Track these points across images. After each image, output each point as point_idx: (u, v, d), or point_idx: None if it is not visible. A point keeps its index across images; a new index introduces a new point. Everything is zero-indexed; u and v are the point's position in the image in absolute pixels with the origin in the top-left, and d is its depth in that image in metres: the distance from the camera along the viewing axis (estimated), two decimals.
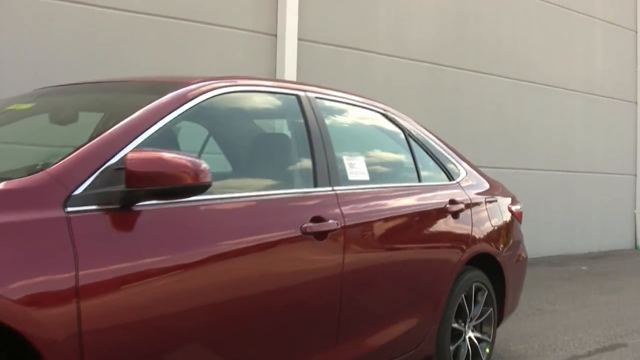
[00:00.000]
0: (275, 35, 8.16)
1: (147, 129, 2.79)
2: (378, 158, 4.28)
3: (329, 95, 3.93)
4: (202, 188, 2.63)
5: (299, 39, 8.27)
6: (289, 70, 8.15)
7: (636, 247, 13.46)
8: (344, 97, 4.08)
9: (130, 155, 2.51)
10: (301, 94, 3.69)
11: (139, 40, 6.91)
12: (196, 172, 2.56)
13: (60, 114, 3.49)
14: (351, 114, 4.15)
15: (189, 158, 2.60)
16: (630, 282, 9.39)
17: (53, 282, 2.29)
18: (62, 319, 2.28)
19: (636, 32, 13.55)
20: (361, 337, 3.64)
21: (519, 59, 11.21)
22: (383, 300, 3.79)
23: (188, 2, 7.33)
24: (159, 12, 7.06)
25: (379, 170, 4.17)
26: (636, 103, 13.57)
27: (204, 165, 2.60)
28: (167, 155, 2.56)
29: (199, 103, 3.09)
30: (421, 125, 4.65)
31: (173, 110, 2.94)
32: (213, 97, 3.19)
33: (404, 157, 4.41)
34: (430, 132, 4.71)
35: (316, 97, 3.76)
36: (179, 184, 2.55)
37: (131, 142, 2.70)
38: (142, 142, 2.74)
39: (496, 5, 10.89)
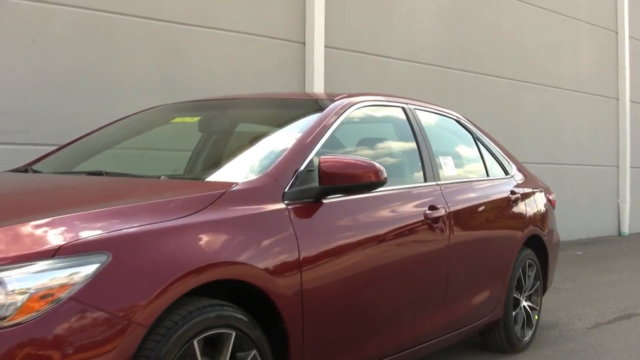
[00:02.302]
0: (304, 43, 8.74)
1: (321, 138, 3.59)
2: (458, 157, 5.14)
3: (421, 106, 4.77)
4: (381, 184, 3.46)
5: (325, 47, 8.88)
6: (317, 76, 8.74)
7: (620, 233, 14.36)
8: (430, 107, 4.93)
9: (323, 159, 3.31)
10: (405, 106, 4.53)
11: (178, 47, 7.29)
12: (377, 171, 3.38)
13: (226, 127, 4.28)
14: (436, 121, 4.97)
15: (368, 160, 3.41)
16: (623, 265, 10.35)
17: (285, 256, 3.10)
18: (291, 281, 3.10)
19: (616, 32, 14.42)
20: (458, 303, 4.50)
21: (515, 61, 11.99)
22: (472, 272, 4.65)
23: (225, 13, 7.79)
24: (199, 22, 7.49)
25: (460, 166, 5.02)
26: (617, 99, 14.44)
27: (380, 166, 3.41)
28: (351, 159, 3.38)
29: (347, 115, 3.90)
30: (482, 129, 5.51)
31: (335, 122, 3.75)
32: (355, 110, 4.01)
33: (475, 155, 5.27)
34: (488, 135, 5.56)
35: (415, 108, 4.59)
36: (364, 182, 3.36)
37: (314, 148, 3.50)
38: (321, 147, 3.55)
39: (495, 12, 11.67)
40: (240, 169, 3.56)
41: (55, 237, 2.47)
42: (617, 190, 14.50)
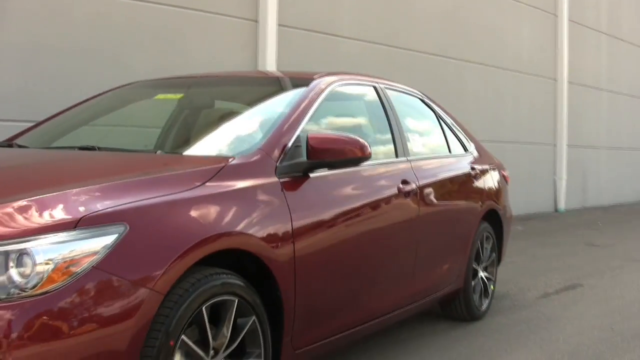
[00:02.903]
0: (257, 21, 8.75)
1: (307, 114, 3.75)
2: (423, 133, 5.35)
3: (390, 85, 4.96)
4: (366, 159, 3.65)
5: (278, 25, 8.91)
6: (270, 54, 8.77)
7: (556, 210, 14.84)
8: (397, 86, 5.12)
9: (311, 136, 3.48)
10: (375, 85, 4.72)
11: (118, 25, 7.22)
12: (362, 147, 3.56)
13: (211, 103, 4.41)
14: (403, 100, 5.15)
15: (354, 136, 3.58)
16: (563, 239, 10.76)
17: (278, 226, 3.27)
18: (285, 249, 3.29)
19: (556, 15, 14.83)
20: (426, 272, 4.73)
21: (459, 41, 12.26)
22: (438, 243, 4.89)
23: None
24: None
25: (425, 143, 5.24)
26: (555, 80, 14.87)
27: (365, 141, 3.59)
28: (338, 135, 3.55)
29: (327, 93, 4.06)
30: (443, 107, 5.73)
31: (317, 99, 3.92)
32: (334, 87, 4.17)
33: (438, 132, 5.50)
34: (449, 113, 5.79)
35: (385, 87, 4.78)
36: (350, 157, 3.53)
37: (300, 124, 3.66)
38: (306, 123, 3.71)
39: None
40: (232, 144, 3.71)
41: (75, 209, 2.58)
42: (554, 167, 14.95)
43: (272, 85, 4.44)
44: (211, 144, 3.84)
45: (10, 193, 2.72)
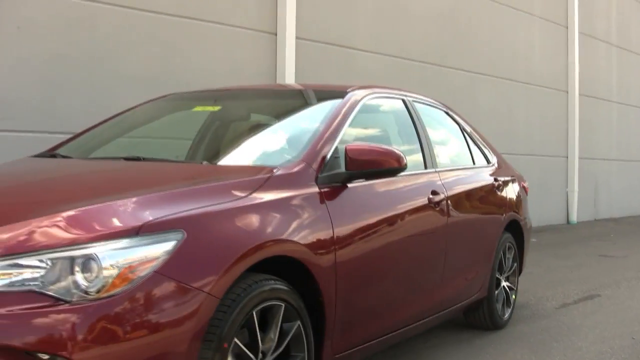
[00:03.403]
0: (276, 34, 8.91)
1: (343, 126, 3.87)
2: (449, 145, 5.48)
3: (417, 98, 5.08)
4: (402, 170, 3.77)
5: (296, 38, 9.05)
6: (289, 66, 8.92)
7: (568, 222, 14.92)
8: (424, 99, 5.24)
9: (349, 147, 3.60)
10: (404, 97, 4.84)
11: (141, 37, 7.34)
12: (398, 158, 3.68)
13: (249, 116, 4.54)
14: (430, 112, 5.27)
15: (390, 148, 3.71)
16: (577, 251, 10.84)
17: (321, 233, 3.40)
18: (328, 256, 3.41)
19: (567, 27, 14.95)
20: (454, 279, 4.85)
21: (472, 54, 12.38)
22: (464, 252, 5.01)
23: (199, 2, 7.92)
24: (165, 10, 7.56)
25: (450, 154, 5.36)
26: (567, 92, 14.96)
27: (401, 152, 3.71)
28: (375, 146, 3.67)
29: (361, 105, 4.19)
30: (466, 120, 5.85)
31: (352, 111, 4.04)
32: (367, 100, 4.30)
33: (462, 144, 5.63)
34: (471, 125, 5.91)
35: (413, 100, 4.90)
36: (387, 167, 3.65)
37: (338, 136, 3.78)
38: (343, 135, 3.83)
39: (455, 7, 12.02)
40: (273, 156, 3.86)
41: (136, 216, 2.71)
42: (566, 180, 15.02)
43: (307, 98, 4.58)
44: (253, 155, 3.96)
45: (70, 201, 2.85)
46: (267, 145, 4.06)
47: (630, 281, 8.07)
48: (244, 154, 4.02)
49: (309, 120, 4.14)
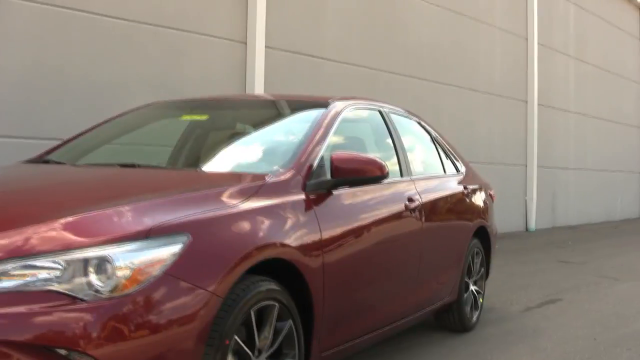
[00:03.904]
0: (246, 43, 9.07)
1: (327, 136, 4.06)
2: (421, 154, 5.69)
3: (392, 109, 5.31)
4: (384, 177, 3.98)
5: (266, 47, 9.22)
6: (258, 75, 9.07)
7: (527, 229, 15.26)
8: (398, 110, 5.45)
9: (335, 156, 3.79)
10: (380, 108, 5.05)
11: (115, 45, 7.47)
12: (381, 167, 3.88)
13: (236, 125, 4.72)
14: (403, 123, 5.48)
15: (373, 157, 3.91)
16: (537, 257, 11.15)
17: (310, 237, 3.59)
18: (316, 257, 3.60)
19: (526, 39, 15.33)
20: (429, 282, 5.08)
21: (435, 64, 12.67)
22: (437, 256, 5.23)
23: (170, 10, 8.07)
24: (138, 18, 7.70)
25: (423, 163, 5.58)
26: (526, 102, 15.33)
27: (382, 161, 3.91)
28: (359, 155, 3.87)
29: (343, 116, 4.38)
30: (436, 130, 6.08)
31: (335, 121, 4.24)
32: (347, 111, 4.50)
33: (433, 153, 5.85)
34: (441, 135, 6.14)
35: (388, 111, 5.12)
36: (370, 175, 3.85)
37: (323, 145, 3.97)
38: (327, 144, 4.02)
39: (418, 19, 12.31)
40: (262, 164, 4.04)
41: (144, 220, 2.87)
42: (525, 188, 15.39)
43: (292, 109, 4.76)
44: (244, 163, 4.15)
45: (79, 206, 2.99)
46: (257, 154, 4.25)
47: (590, 286, 8.37)
48: (235, 162, 4.20)
49: (295, 130, 4.31)
